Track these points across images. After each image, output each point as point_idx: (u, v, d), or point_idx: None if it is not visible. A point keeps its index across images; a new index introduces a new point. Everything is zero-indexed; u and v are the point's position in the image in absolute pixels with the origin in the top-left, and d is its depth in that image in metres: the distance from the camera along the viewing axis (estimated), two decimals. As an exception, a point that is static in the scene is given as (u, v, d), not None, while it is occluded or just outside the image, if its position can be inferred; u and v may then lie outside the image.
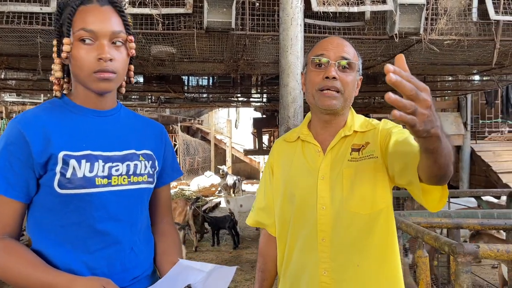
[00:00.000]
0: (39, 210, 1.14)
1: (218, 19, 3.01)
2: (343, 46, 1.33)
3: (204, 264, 1.26)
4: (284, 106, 2.99)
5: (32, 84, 6.12)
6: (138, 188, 1.23)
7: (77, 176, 1.10)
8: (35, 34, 3.07)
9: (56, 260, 1.12)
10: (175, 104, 8.76)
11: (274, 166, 1.51)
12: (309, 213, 1.35)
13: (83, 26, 1.12)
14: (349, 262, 1.30)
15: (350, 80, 1.31)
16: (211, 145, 19.26)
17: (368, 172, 1.30)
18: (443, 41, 3.36)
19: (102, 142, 1.19)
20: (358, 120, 1.41)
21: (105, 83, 1.15)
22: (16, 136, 1.09)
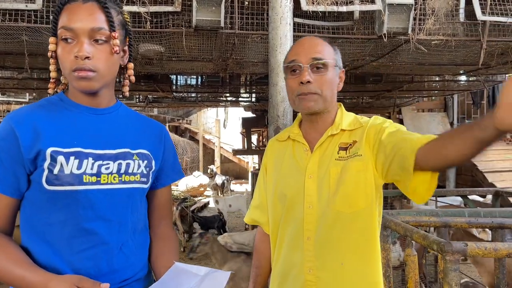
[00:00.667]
0: (30, 207, 1.13)
1: (207, 17, 2.99)
2: (314, 47, 1.33)
3: (199, 268, 1.25)
4: (273, 105, 2.99)
5: (17, 83, 6.02)
6: (129, 188, 1.20)
7: (64, 172, 1.09)
8: (21, 31, 3.01)
9: (41, 258, 1.10)
10: (163, 103, 8.70)
11: (268, 165, 1.53)
12: (297, 211, 1.37)
13: (63, 25, 1.11)
14: (333, 261, 1.31)
15: (326, 80, 1.31)
16: (199, 145, 19.19)
17: (352, 171, 1.31)
18: (430, 41, 3.39)
19: (94, 140, 1.17)
20: (347, 119, 1.41)
21: (85, 81, 1.12)
22: (7, 131, 1.09)
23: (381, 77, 6.04)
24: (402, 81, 6.37)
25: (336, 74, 1.35)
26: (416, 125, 9.45)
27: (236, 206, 9.07)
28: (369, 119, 1.40)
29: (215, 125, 19.47)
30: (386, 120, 1.35)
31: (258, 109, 10.01)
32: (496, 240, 2.66)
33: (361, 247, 1.33)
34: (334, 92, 1.36)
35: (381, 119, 1.37)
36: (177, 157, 1.42)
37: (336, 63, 1.35)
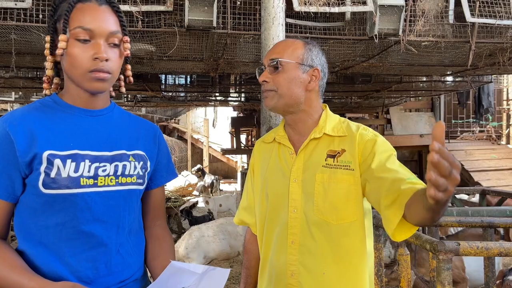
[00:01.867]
0: (25, 210, 1.11)
1: (199, 17, 2.98)
2: (276, 48, 1.39)
3: (196, 266, 1.25)
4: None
5: (4, 82, 5.92)
6: (126, 189, 1.20)
7: (62, 176, 1.08)
8: (9, 30, 2.96)
9: (38, 262, 1.09)
10: (152, 103, 8.64)
11: (255, 167, 1.53)
12: (281, 215, 1.37)
13: (80, 24, 1.10)
14: (316, 269, 1.32)
15: (280, 78, 1.33)
16: (187, 145, 19.11)
17: (342, 183, 1.31)
18: (420, 42, 3.43)
19: (91, 142, 1.16)
20: (331, 122, 1.41)
21: (100, 83, 1.13)
22: (2, 135, 1.07)
23: (370, 77, 6.09)
24: (390, 81, 6.43)
25: (301, 72, 1.35)
26: (404, 125, 9.56)
27: (226, 205, 9.07)
28: (356, 127, 1.38)
29: (204, 125, 19.40)
30: (376, 137, 1.34)
31: (247, 108, 10.02)
32: (486, 239, 2.71)
33: (345, 258, 1.33)
34: (296, 91, 1.34)
35: (369, 134, 1.35)
36: (170, 157, 1.42)
37: (302, 61, 1.35)
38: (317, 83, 1.38)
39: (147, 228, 1.33)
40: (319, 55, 1.39)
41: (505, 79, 11.30)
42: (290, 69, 1.34)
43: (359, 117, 11.09)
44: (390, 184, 1.19)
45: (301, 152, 1.38)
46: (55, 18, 1.14)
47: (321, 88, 1.42)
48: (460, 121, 10.90)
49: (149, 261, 1.30)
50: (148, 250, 1.31)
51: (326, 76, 1.44)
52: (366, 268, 1.37)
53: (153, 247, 1.31)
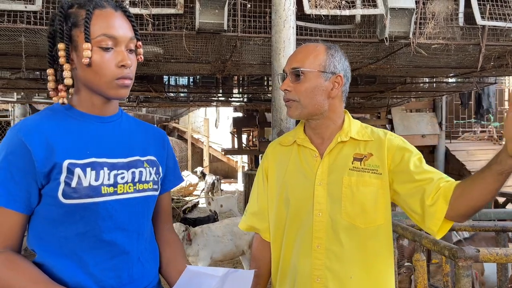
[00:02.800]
0: (42, 222, 1.09)
1: (210, 20, 2.96)
2: (297, 55, 1.37)
3: (214, 269, 1.25)
4: (276, 109, 2.98)
5: (7, 83, 5.89)
6: (144, 196, 1.20)
7: (83, 185, 1.06)
8: (19, 33, 2.94)
9: (61, 273, 1.07)
10: (155, 103, 8.62)
11: (269, 170, 1.50)
12: (304, 218, 1.35)
13: (105, 32, 1.09)
14: (343, 273, 1.30)
15: (302, 88, 1.32)
16: (188, 144, 19.07)
17: (370, 187, 1.31)
18: (430, 45, 3.42)
19: (106, 149, 1.15)
20: (354, 126, 1.41)
21: (125, 89, 1.14)
22: (17, 145, 1.04)
23: (375, 78, 6.08)
24: (395, 82, 6.43)
25: (324, 80, 1.33)
26: (406, 125, 9.55)
27: (227, 206, 9.05)
28: (383, 133, 1.39)
29: (204, 124, 19.37)
30: (404, 142, 1.37)
31: (249, 109, 10.01)
32: (499, 243, 2.71)
33: (373, 262, 1.32)
34: (319, 100, 1.33)
35: (397, 140, 1.37)
36: (177, 161, 1.42)
37: (324, 69, 1.33)
38: (340, 90, 1.37)
39: (157, 233, 1.33)
40: (341, 60, 1.37)
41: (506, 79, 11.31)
42: (312, 78, 1.33)
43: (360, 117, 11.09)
44: (432, 184, 1.24)
45: (326, 155, 1.36)
46: (70, 25, 1.10)
47: (344, 93, 1.40)
48: (461, 121, 10.92)
49: (164, 266, 1.29)
50: (162, 255, 1.30)
51: (349, 80, 1.42)
52: (393, 272, 1.37)
53: (165, 252, 1.31)
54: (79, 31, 1.09)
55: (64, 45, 1.10)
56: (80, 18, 1.09)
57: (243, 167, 17.45)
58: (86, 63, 1.08)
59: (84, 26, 1.07)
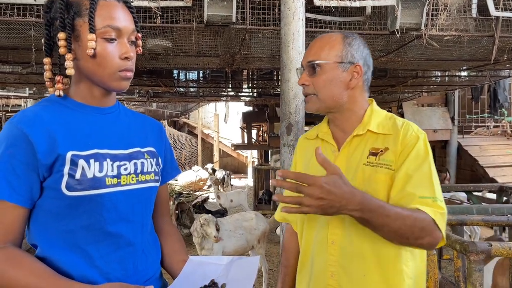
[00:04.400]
0: (44, 215, 1.07)
1: (218, 12, 2.94)
2: (313, 47, 1.33)
3: (218, 257, 1.25)
4: (285, 102, 2.95)
5: (19, 78, 5.95)
6: (146, 187, 1.19)
7: (87, 176, 1.05)
8: (28, 26, 2.96)
9: (65, 267, 1.05)
10: (165, 98, 8.65)
11: (297, 163, 1.50)
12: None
13: (109, 23, 1.06)
14: (356, 270, 1.28)
15: (320, 81, 1.29)
16: (198, 140, 19.13)
17: (382, 183, 1.25)
18: (442, 37, 3.35)
19: (107, 140, 1.14)
20: (376, 118, 1.34)
21: (127, 82, 1.13)
22: (18, 136, 1.01)
23: (386, 72, 6.01)
24: (406, 76, 6.34)
25: (341, 71, 1.28)
26: (417, 120, 9.44)
27: (237, 201, 9.04)
28: (401, 124, 1.31)
29: (214, 120, 19.40)
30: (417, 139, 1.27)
31: (259, 103, 9.98)
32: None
33: (386, 262, 1.27)
34: (337, 92, 1.29)
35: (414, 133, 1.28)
36: (173, 153, 1.41)
37: (341, 59, 1.27)
38: (359, 79, 1.30)
39: (157, 226, 1.33)
40: (360, 49, 1.30)
41: (521, 73, 11.09)
42: (329, 70, 1.28)
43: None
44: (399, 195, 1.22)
45: (343, 150, 1.33)
46: (72, 14, 1.07)
47: (365, 82, 1.34)
48: (474, 116, 10.76)
49: (165, 258, 1.29)
50: (162, 248, 1.30)
51: (371, 68, 1.35)
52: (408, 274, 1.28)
53: (166, 244, 1.31)
54: (83, 21, 1.06)
55: (66, 34, 1.06)
56: (84, 8, 1.06)
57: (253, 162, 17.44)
58: (90, 54, 1.05)
59: (89, 17, 1.05)
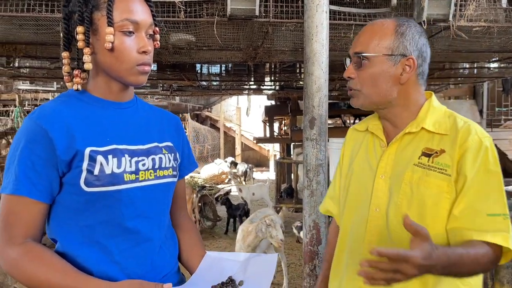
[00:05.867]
0: (64, 210, 1.08)
1: (241, 6, 2.93)
2: (361, 37, 1.23)
3: (235, 254, 1.24)
4: (308, 95, 2.93)
5: (47, 72, 6.10)
6: (164, 183, 1.19)
7: (105, 172, 1.05)
8: (56, 22, 3.02)
9: (85, 262, 1.07)
10: (187, 92, 8.71)
11: (344, 155, 1.44)
12: (360, 211, 1.27)
13: (128, 17, 1.06)
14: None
15: (365, 76, 1.20)
16: (220, 133, 19.23)
17: (434, 189, 1.14)
18: (471, 28, 3.26)
19: (125, 136, 1.14)
20: (433, 115, 1.22)
21: (144, 76, 1.12)
22: (37, 132, 1.02)
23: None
24: (433, 68, 6.19)
25: (392, 65, 1.18)
26: (443, 113, 9.21)
27: (259, 194, 9.06)
28: (462, 124, 1.19)
29: (236, 113, 19.46)
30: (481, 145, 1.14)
31: (282, 97, 9.94)
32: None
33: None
34: (384, 88, 1.19)
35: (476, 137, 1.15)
36: (190, 147, 1.40)
37: (392, 52, 1.17)
38: (413, 73, 1.19)
39: (174, 220, 1.33)
40: (414, 39, 1.18)
41: (554, 64, 10.68)
42: (377, 64, 1.18)
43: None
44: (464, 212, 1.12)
45: (392, 146, 1.24)
46: (90, 8, 1.07)
47: (420, 76, 1.23)
48: (504, 109, 10.43)
49: (182, 253, 1.29)
50: (180, 243, 1.30)
51: (428, 59, 1.23)
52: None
53: (183, 239, 1.31)
54: (101, 14, 1.06)
55: (84, 28, 1.06)
56: (102, 1, 1.07)
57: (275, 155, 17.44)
58: (108, 47, 1.05)
59: (107, 10, 1.05)
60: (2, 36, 3.67)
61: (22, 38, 3.67)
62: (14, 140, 1.06)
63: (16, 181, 1.01)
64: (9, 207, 1.03)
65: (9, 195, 1.02)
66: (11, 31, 3.43)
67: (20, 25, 3.17)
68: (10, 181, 1.02)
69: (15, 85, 8.26)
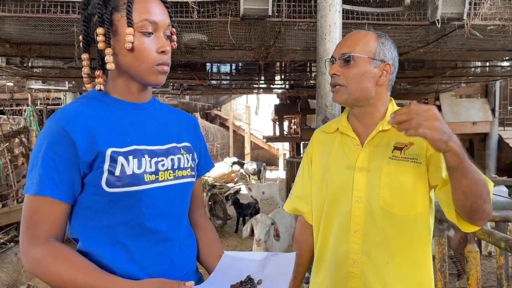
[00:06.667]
0: (85, 211, 1.09)
1: (254, 6, 2.94)
2: (347, 41, 1.38)
3: (253, 253, 1.24)
4: (321, 95, 2.93)
5: (59, 72, 6.15)
6: (183, 183, 1.20)
7: (126, 173, 1.06)
8: (71, 23, 3.05)
9: (107, 261, 1.08)
10: (198, 91, 8.73)
11: (313, 155, 1.54)
12: (343, 204, 1.39)
13: (146, 17, 1.07)
14: (379, 258, 1.34)
15: (351, 73, 1.33)
16: (229, 132, 19.26)
17: (409, 176, 1.31)
18: (485, 27, 3.22)
19: (145, 136, 1.14)
20: None
21: (163, 76, 1.13)
22: (60, 134, 1.03)
23: (423, 63, 5.84)
24: (444, 67, 6.14)
25: (373, 67, 1.34)
26: (455, 112, 9.15)
27: (269, 193, 9.07)
28: None
29: (245, 112, 19.47)
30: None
31: (291, 96, 9.92)
32: (560, 236, 2.54)
33: (409, 250, 1.34)
34: (367, 86, 1.34)
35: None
36: (207, 147, 1.42)
37: (374, 56, 1.34)
38: (387, 78, 1.37)
39: (191, 219, 1.33)
40: (391, 49, 1.38)
41: None
42: (362, 64, 1.34)
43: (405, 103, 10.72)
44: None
45: (367, 144, 1.38)
46: (110, 9, 1.08)
47: (390, 82, 1.41)
48: (516, 107, 10.31)
49: (200, 253, 1.29)
50: (198, 242, 1.30)
51: (397, 69, 1.42)
52: (430, 260, 1.38)
53: (201, 238, 1.32)
54: (120, 15, 1.07)
55: (104, 29, 1.07)
56: (121, 2, 1.07)
57: (284, 154, 17.42)
58: (128, 48, 1.06)
59: (127, 11, 1.06)
60: (17, 37, 3.72)
61: (37, 39, 3.71)
62: (37, 142, 1.08)
63: (40, 182, 1.03)
64: (33, 207, 1.04)
65: (33, 195, 1.03)
66: (26, 32, 3.47)
67: (35, 26, 3.21)
68: (34, 182, 1.03)
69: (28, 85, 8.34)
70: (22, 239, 1.05)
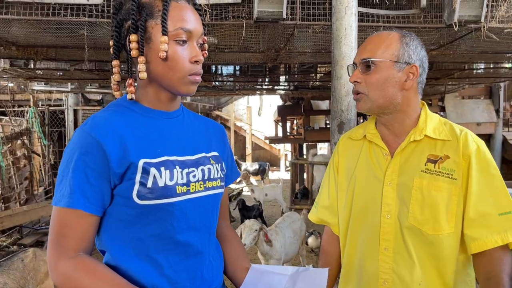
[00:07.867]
0: (114, 223, 1.05)
1: (268, 8, 2.89)
2: (368, 45, 1.29)
3: (282, 267, 1.20)
4: (337, 99, 2.88)
5: (63, 74, 6.10)
6: (213, 194, 1.16)
7: (158, 185, 1.02)
8: (80, 26, 3.00)
9: (135, 275, 1.04)
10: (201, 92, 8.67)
11: (339, 164, 1.45)
12: (371, 219, 1.30)
13: (182, 26, 1.03)
14: (411, 279, 1.24)
15: (372, 80, 1.25)
16: (230, 132, 19.22)
17: (443, 192, 1.22)
18: (502, 29, 3.18)
19: (175, 146, 1.10)
20: (431, 123, 1.30)
21: (195, 86, 1.09)
22: (91, 144, 1.00)
23: (431, 64, 5.78)
24: (453, 68, 6.10)
25: (397, 71, 1.24)
26: (459, 113, 9.12)
27: (273, 195, 9.00)
28: (460, 131, 1.29)
29: (247, 112, 19.42)
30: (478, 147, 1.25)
31: (295, 97, 9.88)
32: None
33: (444, 270, 1.24)
34: (391, 92, 1.25)
35: (473, 144, 1.25)
36: (233, 156, 1.37)
37: (398, 59, 1.24)
38: (415, 81, 1.27)
39: (217, 230, 1.28)
40: (417, 49, 1.26)
41: None
42: (384, 69, 1.24)
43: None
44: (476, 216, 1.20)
45: (397, 155, 1.29)
46: (144, 16, 1.04)
47: (420, 85, 1.31)
48: (521, 108, 10.29)
49: (227, 265, 1.25)
50: (225, 253, 1.26)
51: (426, 70, 1.31)
52: (472, 285, 1.29)
53: (227, 250, 1.27)
54: (155, 22, 1.03)
55: (138, 36, 1.04)
56: (156, 9, 1.03)
57: (286, 155, 17.38)
58: (163, 56, 1.02)
59: (162, 18, 1.02)
60: (24, 39, 3.67)
61: (44, 41, 3.66)
62: (67, 151, 1.03)
63: (71, 195, 0.99)
64: (63, 220, 1.00)
65: (63, 208, 1.00)
66: (33, 34, 3.42)
67: (44, 28, 3.15)
68: (64, 194, 0.99)
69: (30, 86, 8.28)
70: (51, 252, 1.01)
